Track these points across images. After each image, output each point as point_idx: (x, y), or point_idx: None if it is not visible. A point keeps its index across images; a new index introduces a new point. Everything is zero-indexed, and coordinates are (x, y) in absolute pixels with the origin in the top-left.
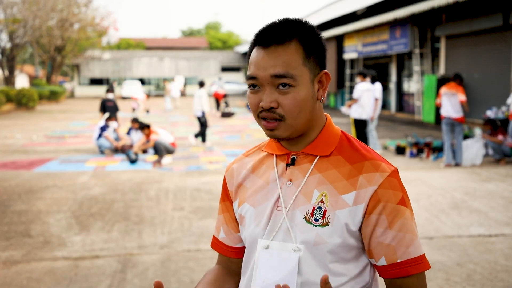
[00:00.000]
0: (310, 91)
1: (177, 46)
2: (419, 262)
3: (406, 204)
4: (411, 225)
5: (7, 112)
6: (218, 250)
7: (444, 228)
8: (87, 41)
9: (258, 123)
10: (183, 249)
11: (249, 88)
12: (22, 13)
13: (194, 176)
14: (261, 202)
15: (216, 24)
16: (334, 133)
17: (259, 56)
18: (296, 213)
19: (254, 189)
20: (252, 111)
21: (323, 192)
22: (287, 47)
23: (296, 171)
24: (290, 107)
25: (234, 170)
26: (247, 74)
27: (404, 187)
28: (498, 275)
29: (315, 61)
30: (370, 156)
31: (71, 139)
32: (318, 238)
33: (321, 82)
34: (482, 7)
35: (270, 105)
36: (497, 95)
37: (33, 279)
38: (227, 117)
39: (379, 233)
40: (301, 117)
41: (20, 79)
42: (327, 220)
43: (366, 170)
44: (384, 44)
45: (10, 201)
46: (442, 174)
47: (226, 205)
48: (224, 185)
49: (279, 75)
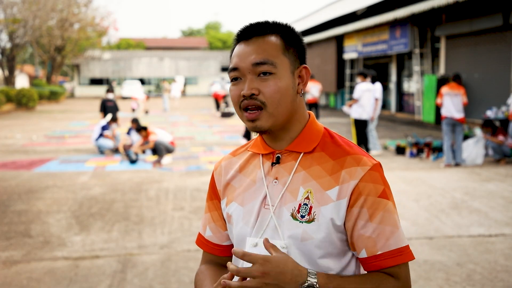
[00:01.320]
0: (290, 82)
1: (177, 46)
2: (399, 253)
3: (388, 197)
4: (392, 217)
5: (7, 112)
6: (204, 249)
7: (444, 228)
8: (87, 41)
9: (240, 117)
10: (183, 249)
11: (231, 82)
12: (22, 13)
13: (194, 176)
14: (249, 201)
15: (216, 24)
16: (316, 130)
17: (240, 48)
18: (283, 210)
19: (242, 188)
20: (233, 104)
21: (308, 189)
22: (267, 38)
23: (281, 169)
24: (271, 93)
25: (222, 169)
26: (229, 68)
27: (386, 180)
28: (498, 275)
29: (295, 54)
30: (352, 151)
31: (71, 139)
32: (305, 234)
33: (301, 77)
34: (482, 7)
35: (251, 92)
36: (497, 95)
37: (33, 279)
38: (227, 117)
39: (360, 226)
40: (282, 105)
41: (20, 79)
42: (313, 216)
43: (347, 165)
44: (384, 44)
45: (10, 201)
46: (442, 174)
47: (213, 203)
48: (212, 184)
49: (260, 62)
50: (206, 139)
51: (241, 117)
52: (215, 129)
